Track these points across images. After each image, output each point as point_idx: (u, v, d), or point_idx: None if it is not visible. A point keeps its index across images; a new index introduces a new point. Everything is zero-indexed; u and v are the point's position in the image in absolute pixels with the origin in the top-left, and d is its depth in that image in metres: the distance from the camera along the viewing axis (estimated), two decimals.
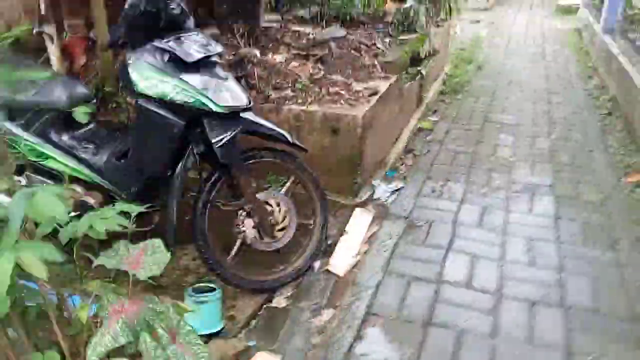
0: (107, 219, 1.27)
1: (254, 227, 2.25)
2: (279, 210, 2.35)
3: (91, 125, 2.33)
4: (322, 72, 3.38)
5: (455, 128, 4.41)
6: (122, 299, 1.10)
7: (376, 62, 3.69)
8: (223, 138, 2.06)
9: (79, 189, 2.20)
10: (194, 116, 2.04)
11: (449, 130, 4.36)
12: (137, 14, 1.89)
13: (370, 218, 2.99)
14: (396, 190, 3.27)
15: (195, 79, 1.97)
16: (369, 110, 3.02)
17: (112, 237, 1.27)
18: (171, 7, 1.95)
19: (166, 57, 1.96)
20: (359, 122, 2.90)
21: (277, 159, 2.34)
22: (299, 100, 3.04)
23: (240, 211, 2.25)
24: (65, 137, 2.23)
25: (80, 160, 2.20)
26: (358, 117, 2.90)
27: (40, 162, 2.17)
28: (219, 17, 3.61)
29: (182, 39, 2.00)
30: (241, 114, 2.15)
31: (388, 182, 3.37)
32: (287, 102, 3.02)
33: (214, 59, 2.08)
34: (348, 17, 4.58)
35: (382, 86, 3.35)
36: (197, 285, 2.15)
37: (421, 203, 3.14)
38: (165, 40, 1.95)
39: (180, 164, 2.13)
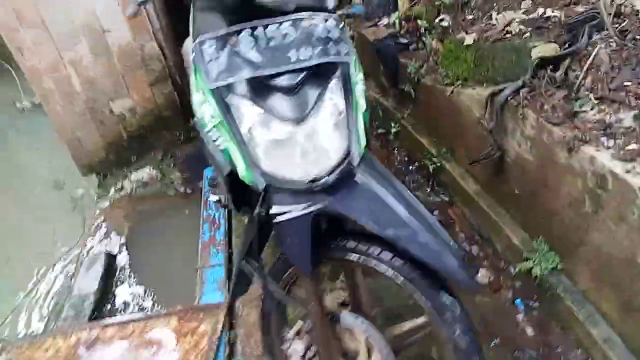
0: None
1: (303, 357, 1.30)
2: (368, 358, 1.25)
3: None
4: None
5: None
6: None
7: None
8: (282, 213, 1.11)
9: None
10: None
11: None
12: None
13: None
14: None
15: (250, 110, 1.05)
16: None
17: None
18: None
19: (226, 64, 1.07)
20: None
21: (399, 279, 1.14)
22: (629, 147, 1.34)
23: (301, 324, 1.31)
24: None
25: None
26: None
27: None
28: None
29: (268, 29, 1.05)
30: (350, 177, 1.08)
31: None
32: (600, 140, 1.40)
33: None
34: None
35: None
36: None
37: None
38: (228, 30, 1.06)
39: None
